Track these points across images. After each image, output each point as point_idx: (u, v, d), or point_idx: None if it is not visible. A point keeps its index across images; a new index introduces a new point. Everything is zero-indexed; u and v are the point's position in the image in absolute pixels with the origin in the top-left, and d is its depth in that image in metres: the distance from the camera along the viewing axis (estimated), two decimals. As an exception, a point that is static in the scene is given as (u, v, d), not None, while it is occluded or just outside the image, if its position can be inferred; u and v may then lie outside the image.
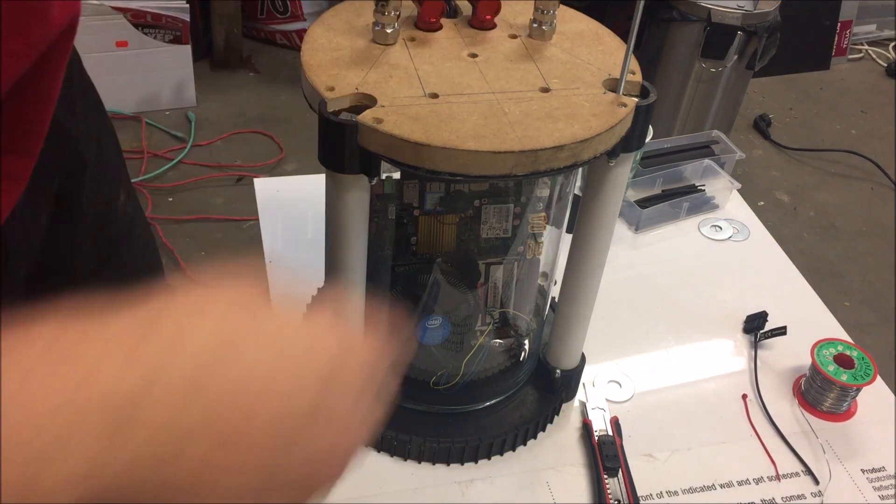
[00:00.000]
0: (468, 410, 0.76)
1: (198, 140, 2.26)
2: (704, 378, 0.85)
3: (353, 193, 0.58)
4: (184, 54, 2.34)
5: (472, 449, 0.73)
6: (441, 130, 0.53)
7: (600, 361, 0.84)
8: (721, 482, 0.75)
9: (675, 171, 1.07)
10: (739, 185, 1.06)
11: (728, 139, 1.13)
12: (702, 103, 2.05)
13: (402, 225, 0.68)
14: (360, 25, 0.62)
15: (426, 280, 0.71)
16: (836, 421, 0.82)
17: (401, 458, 0.73)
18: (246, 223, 1.99)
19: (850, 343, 0.83)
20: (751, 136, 2.61)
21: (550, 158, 0.54)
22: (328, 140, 0.55)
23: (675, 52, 1.99)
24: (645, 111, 0.59)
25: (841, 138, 2.63)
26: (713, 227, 1.04)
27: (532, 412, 0.76)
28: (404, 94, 0.56)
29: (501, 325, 0.75)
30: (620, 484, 0.73)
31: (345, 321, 0.42)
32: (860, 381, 0.79)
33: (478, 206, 0.68)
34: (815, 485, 0.76)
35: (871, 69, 3.05)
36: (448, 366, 0.74)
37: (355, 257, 0.62)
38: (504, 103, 0.56)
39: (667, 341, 0.89)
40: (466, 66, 0.60)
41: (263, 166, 2.20)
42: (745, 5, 1.90)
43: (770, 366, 0.86)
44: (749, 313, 0.91)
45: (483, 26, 0.65)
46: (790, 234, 2.22)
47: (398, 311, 0.61)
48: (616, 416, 0.78)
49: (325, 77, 0.57)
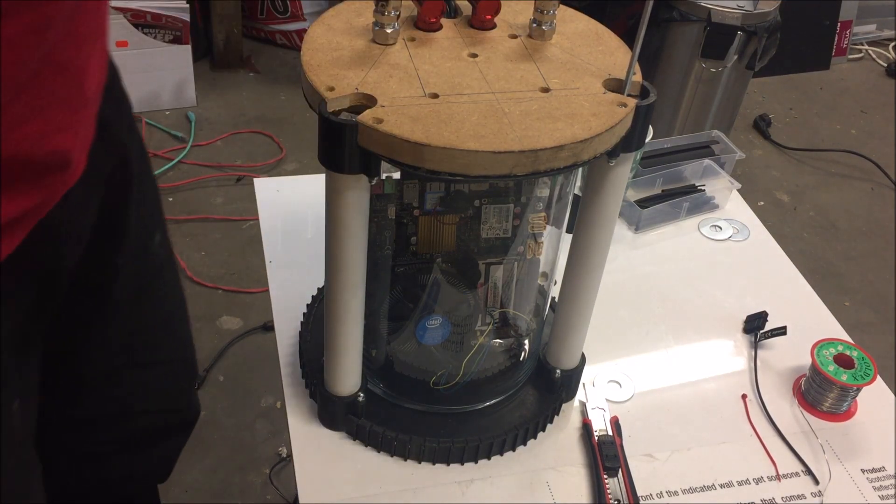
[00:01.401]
0: (468, 410, 0.76)
1: (198, 140, 2.26)
2: (704, 378, 0.85)
3: (353, 193, 0.58)
4: (184, 54, 2.34)
5: (472, 449, 0.73)
6: (441, 130, 0.53)
7: (600, 361, 0.84)
8: (721, 482, 0.75)
9: (675, 171, 1.07)
10: (739, 185, 1.06)
11: (728, 139, 1.13)
12: (702, 103, 2.05)
13: (402, 225, 0.68)
14: (360, 25, 0.62)
15: (426, 280, 0.71)
16: (836, 421, 0.82)
17: (401, 458, 0.73)
18: (246, 223, 1.99)
19: (850, 343, 0.83)
20: (751, 136, 2.61)
21: (550, 158, 0.54)
22: (328, 140, 0.55)
23: (675, 52, 1.99)
24: (645, 111, 0.59)
25: (841, 138, 2.63)
26: (713, 227, 1.04)
27: (532, 412, 0.76)
28: (404, 94, 0.56)
29: (501, 325, 0.75)
30: (620, 484, 0.73)
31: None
32: (860, 381, 0.79)
33: (478, 206, 0.68)
34: (815, 485, 0.76)
35: (871, 69, 3.05)
36: (448, 366, 0.74)
37: (355, 257, 0.62)
38: (504, 103, 0.56)
39: (667, 341, 0.89)
40: (466, 66, 0.60)
41: (263, 166, 2.20)
42: (745, 5, 1.90)
43: (770, 366, 0.86)
44: (749, 313, 0.91)
45: (483, 26, 0.65)
46: (790, 234, 2.22)
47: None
48: (616, 416, 0.78)
49: (325, 77, 0.57)
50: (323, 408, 0.74)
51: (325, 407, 0.74)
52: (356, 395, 0.72)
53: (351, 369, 0.70)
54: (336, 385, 0.71)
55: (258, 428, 1.55)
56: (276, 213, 0.98)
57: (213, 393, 1.60)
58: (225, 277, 1.85)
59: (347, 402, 0.72)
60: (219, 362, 1.65)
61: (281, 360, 0.80)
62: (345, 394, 0.72)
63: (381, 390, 0.76)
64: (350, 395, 0.72)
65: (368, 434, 0.73)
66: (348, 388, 0.71)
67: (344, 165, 0.56)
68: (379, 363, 0.76)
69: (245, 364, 1.67)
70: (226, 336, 1.71)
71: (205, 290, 1.81)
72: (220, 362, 1.65)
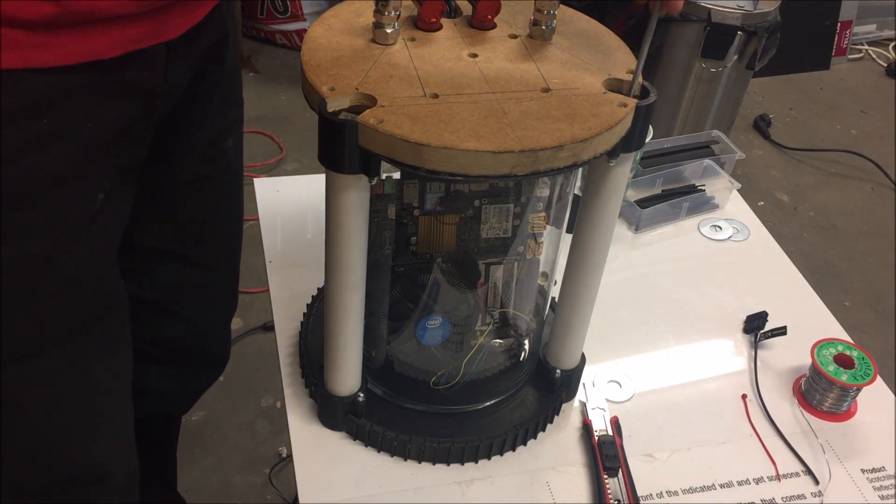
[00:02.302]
0: (468, 410, 0.76)
1: (198, 140, 2.26)
2: (704, 378, 0.85)
3: (353, 193, 0.58)
4: (184, 54, 2.34)
5: (472, 449, 0.73)
6: (441, 130, 0.53)
7: (600, 361, 0.84)
8: (721, 482, 0.75)
9: (675, 171, 1.07)
10: (739, 185, 1.06)
11: (728, 139, 1.13)
12: (702, 103, 2.05)
13: (402, 225, 0.68)
14: (360, 25, 0.62)
15: (426, 280, 0.71)
16: (836, 421, 0.82)
17: (401, 458, 0.73)
18: (246, 223, 1.99)
19: (850, 343, 0.83)
20: (751, 136, 2.61)
21: (550, 158, 0.54)
22: (328, 140, 0.55)
23: (675, 52, 1.99)
24: (645, 111, 0.59)
25: (841, 138, 2.63)
26: (713, 227, 1.04)
27: (532, 412, 0.76)
28: (404, 94, 0.56)
29: (501, 325, 0.75)
30: (620, 484, 0.73)
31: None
32: (860, 381, 0.79)
33: (478, 206, 0.68)
34: (815, 485, 0.76)
35: (871, 69, 3.05)
36: (448, 366, 0.74)
37: (355, 257, 0.62)
38: (504, 103, 0.56)
39: (667, 341, 0.89)
40: (466, 66, 0.60)
41: (263, 166, 2.20)
42: (745, 5, 1.90)
43: (770, 366, 0.86)
44: (749, 313, 0.91)
45: (483, 26, 0.65)
46: (790, 234, 2.22)
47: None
48: (616, 416, 0.78)
49: (325, 77, 0.57)
50: (323, 408, 0.74)
51: (325, 407, 0.74)
52: (356, 395, 0.72)
53: (351, 369, 0.70)
54: (336, 385, 0.71)
55: (258, 428, 1.55)
56: (276, 213, 0.98)
57: (213, 393, 1.59)
58: (225, 277, 1.85)
59: (347, 402, 0.72)
60: (219, 362, 1.65)
61: (281, 360, 0.80)
62: (345, 394, 0.72)
63: (381, 390, 0.76)
64: (350, 395, 0.72)
65: (368, 434, 0.73)
66: (348, 388, 0.71)
67: (344, 165, 0.56)
68: (379, 363, 0.76)
69: (245, 364, 1.66)
70: (226, 336, 1.71)
71: (205, 290, 1.81)
72: (220, 362, 1.65)
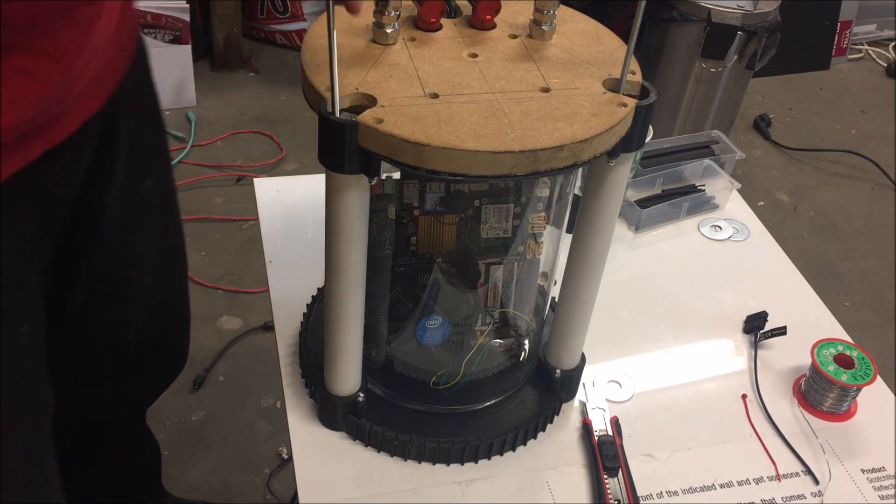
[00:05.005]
0: (468, 410, 0.76)
1: (198, 140, 2.26)
2: (704, 378, 0.85)
3: (352, 193, 0.58)
4: (184, 54, 2.34)
5: (472, 449, 0.73)
6: (441, 130, 0.53)
7: (600, 361, 0.84)
8: (721, 482, 0.75)
9: (675, 171, 1.08)
10: (739, 185, 1.06)
11: (728, 139, 1.13)
12: (702, 103, 2.05)
13: (402, 225, 0.68)
14: (360, 25, 0.62)
15: (426, 280, 0.71)
16: (836, 421, 0.82)
17: (401, 458, 0.73)
18: (246, 223, 1.99)
19: (850, 343, 0.83)
20: (751, 136, 2.61)
21: (550, 158, 0.54)
22: (328, 140, 0.55)
23: (675, 52, 1.99)
24: (645, 111, 0.59)
25: (841, 138, 2.63)
26: (713, 227, 1.04)
27: (532, 412, 0.76)
28: (404, 94, 0.56)
29: (501, 325, 0.75)
30: (620, 484, 0.73)
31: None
32: (860, 381, 0.79)
33: (478, 206, 0.68)
34: (815, 485, 0.76)
35: (871, 69, 3.04)
36: (448, 366, 0.74)
37: (355, 257, 0.62)
38: (504, 103, 0.56)
39: (667, 341, 0.89)
40: (466, 66, 0.60)
41: (263, 166, 2.20)
42: (745, 5, 1.90)
43: (770, 366, 0.86)
44: (749, 313, 0.91)
45: (483, 26, 0.65)
46: (790, 234, 2.22)
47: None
48: (616, 416, 0.78)
49: (325, 77, 0.57)
50: (323, 408, 0.74)
51: (325, 407, 0.74)
52: (356, 395, 0.72)
53: (351, 369, 0.70)
54: (336, 385, 0.71)
55: (258, 428, 1.55)
56: (276, 213, 0.98)
57: (213, 393, 1.60)
58: (225, 277, 1.85)
59: (347, 402, 0.72)
60: (219, 362, 1.65)
61: (281, 360, 0.80)
62: (345, 394, 0.71)
63: (381, 390, 0.76)
64: (350, 395, 0.72)
65: (368, 434, 0.73)
66: (348, 388, 0.71)
67: (344, 165, 0.56)
68: (379, 363, 0.76)
69: (245, 364, 1.67)
70: (226, 336, 1.71)
71: (205, 290, 1.81)
72: (220, 362, 1.65)
